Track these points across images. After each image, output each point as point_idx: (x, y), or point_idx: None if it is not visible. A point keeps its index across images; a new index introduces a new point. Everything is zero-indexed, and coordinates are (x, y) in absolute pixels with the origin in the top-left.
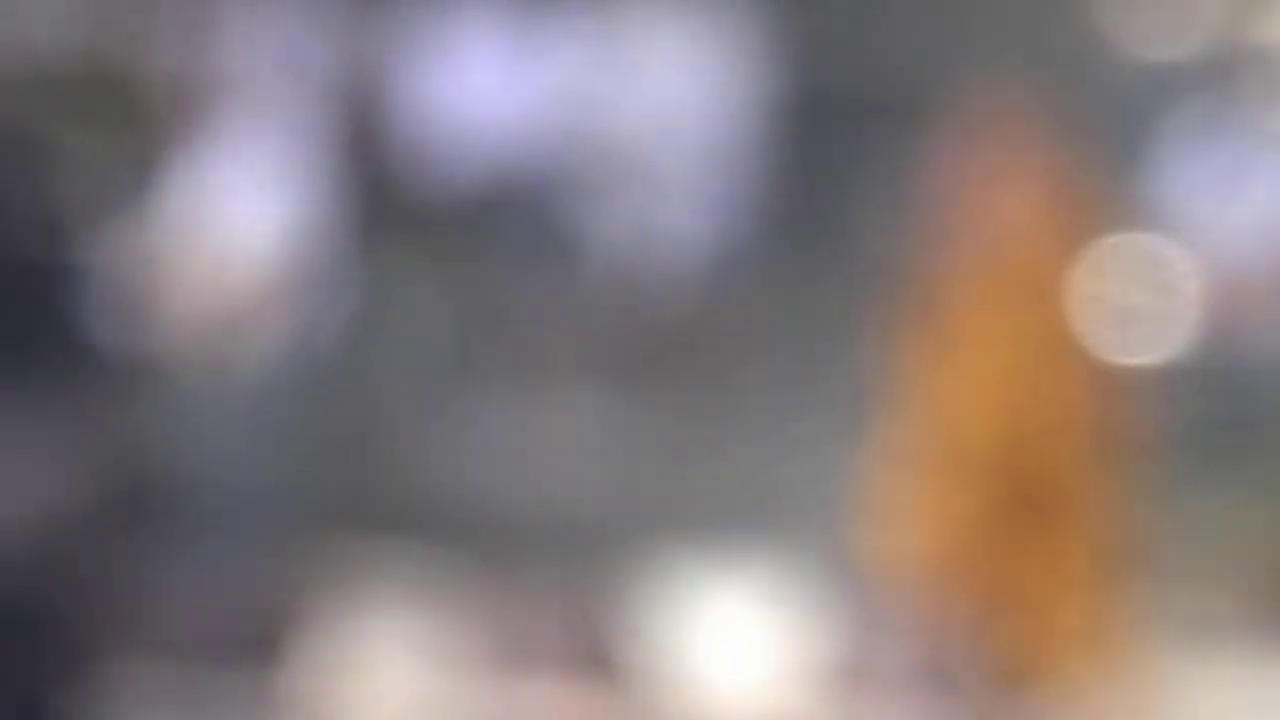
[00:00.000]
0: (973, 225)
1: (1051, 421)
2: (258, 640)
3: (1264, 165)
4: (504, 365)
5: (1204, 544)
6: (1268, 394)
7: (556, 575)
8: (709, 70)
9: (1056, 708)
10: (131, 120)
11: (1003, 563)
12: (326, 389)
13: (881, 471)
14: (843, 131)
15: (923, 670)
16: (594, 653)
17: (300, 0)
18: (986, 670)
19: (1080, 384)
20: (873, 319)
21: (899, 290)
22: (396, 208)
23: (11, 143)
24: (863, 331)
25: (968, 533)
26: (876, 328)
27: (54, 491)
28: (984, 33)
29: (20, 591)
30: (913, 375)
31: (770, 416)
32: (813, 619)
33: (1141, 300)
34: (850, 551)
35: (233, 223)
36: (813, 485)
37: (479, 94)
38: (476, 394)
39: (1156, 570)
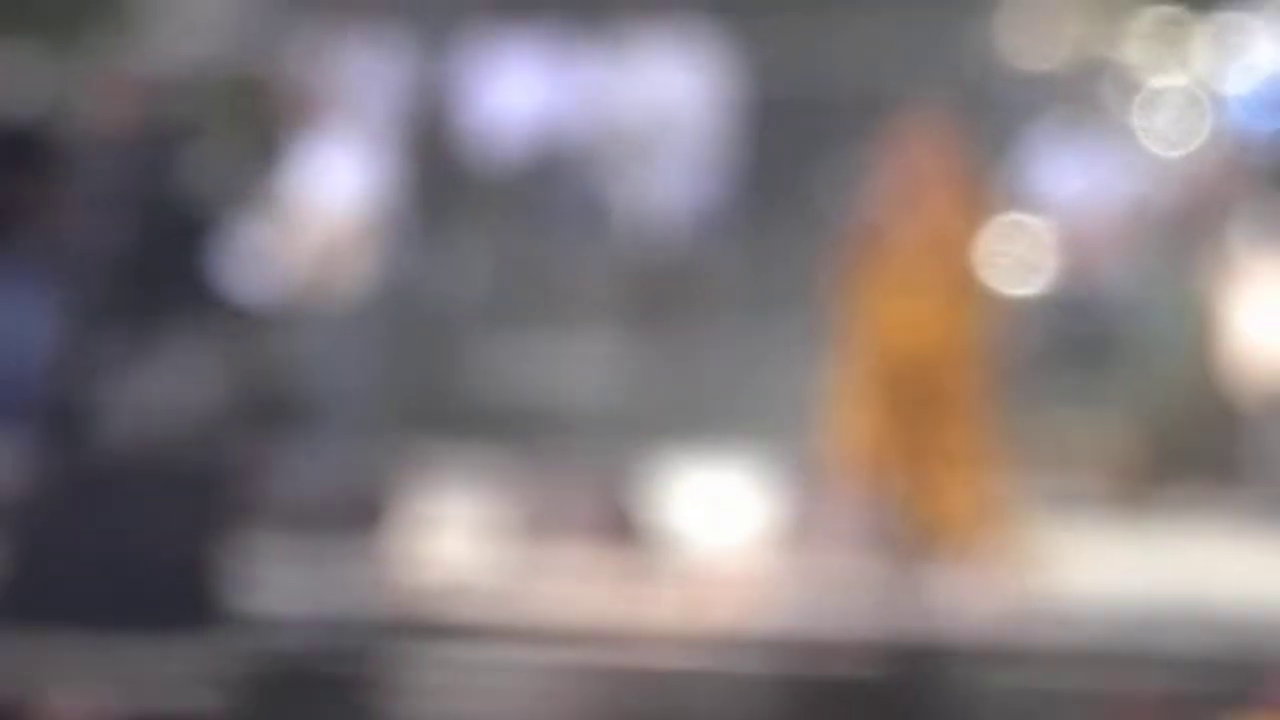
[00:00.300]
0: (901, 202)
1: (950, 345)
2: (356, 511)
3: (1111, 154)
4: (542, 302)
5: (1067, 437)
6: (1108, 319)
7: (583, 463)
8: (697, 76)
9: (954, 563)
10: (262, 117)
11: (911, 452)
12: (407, 322)
13: (828, 382)
14: (799, 123)
15: (857, 533)
16: (613, 522)
17: (384, 25)
18: (902, 534)
19: (973, 316)
20: (824, 269)
21: (844, 246)
22: (458, 182)
23: (174, 133)
24: (816, 278)
25: (885, 429)
26: (826, 275)
27: (208, 399)
28: (904, 50)
29: (185, 475)
30: (853, 311)
31: (744, 341)
32: (776, 494)
33: (1019, 251)
34: (805, 443)
35: (334, 196)
36: (777, 392)
37: (521, 95)
38: (521, 324)
39: (1030, 458)
